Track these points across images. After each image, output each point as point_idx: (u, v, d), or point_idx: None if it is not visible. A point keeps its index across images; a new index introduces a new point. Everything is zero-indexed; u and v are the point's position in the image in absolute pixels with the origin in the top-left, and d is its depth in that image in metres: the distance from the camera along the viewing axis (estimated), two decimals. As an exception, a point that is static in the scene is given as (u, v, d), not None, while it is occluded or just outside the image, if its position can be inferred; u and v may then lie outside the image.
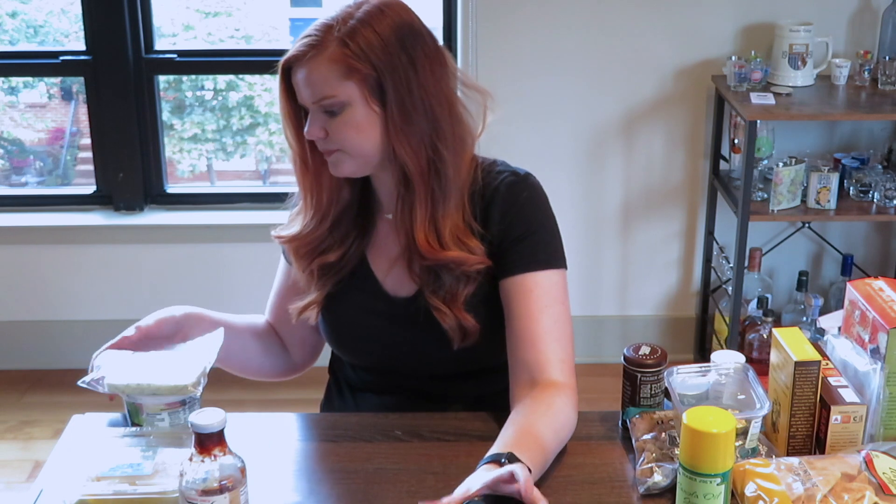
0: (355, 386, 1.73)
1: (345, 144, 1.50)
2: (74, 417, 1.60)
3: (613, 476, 1.43)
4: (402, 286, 1.61)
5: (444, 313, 1.54)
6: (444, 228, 1.53)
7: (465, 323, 1.54)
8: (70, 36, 4.02)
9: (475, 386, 1.66)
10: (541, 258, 1.55)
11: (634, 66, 3.20)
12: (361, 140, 1.49)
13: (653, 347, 1.50)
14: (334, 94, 1.47)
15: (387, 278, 1.62)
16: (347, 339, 1.68)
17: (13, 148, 4.40)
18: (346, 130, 1.48)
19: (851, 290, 1.44)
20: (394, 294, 1.62)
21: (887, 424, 1.38)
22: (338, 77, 1.46)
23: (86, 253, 3.40)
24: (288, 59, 1.51)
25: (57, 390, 3.33)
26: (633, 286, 3.46)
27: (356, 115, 1.48)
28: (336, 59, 1.46)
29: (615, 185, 3.33)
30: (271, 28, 4.87)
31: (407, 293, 1.60)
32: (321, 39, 1.47)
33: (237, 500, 1.23)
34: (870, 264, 3.40)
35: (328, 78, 1.46)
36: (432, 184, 1.51)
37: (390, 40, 1.47)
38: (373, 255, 1.64)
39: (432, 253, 1.52)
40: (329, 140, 1.50)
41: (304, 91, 1.50)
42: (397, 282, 1.61)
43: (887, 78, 3.02)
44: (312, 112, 1.50)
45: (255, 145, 4.63)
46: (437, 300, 1.54)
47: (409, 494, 1.38)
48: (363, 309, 1.63)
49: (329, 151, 1.52)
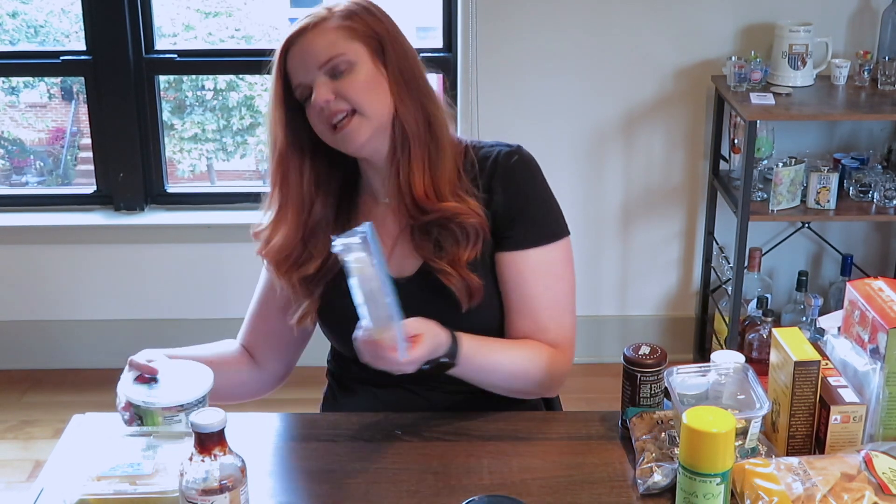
0: (356, 382, 1.72)
1: (359, 101, 1.52)
2: (74, 417, 1.60)
3: (613, 476, 1.43)
4: (405, 265, 1.62)
5: (449, 274, 1.57)
6: (442, 181, 1.58)
7: (471, 282, 1.57)
8: (70, 36, 4.02)
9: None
10: (545, 232, 1.60)
11: (634, 66, 3.20)
12: (373, 98, 1.54)
13: (653, 347, 1.50)
14: (343, 53, 1.52)
15: (389, 261, 1.62)
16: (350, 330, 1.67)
17: (13, 148, 4.41)
18: (358, 88, 1.52)
19: (851, 290, 1.44)
20: (398, 276, 1.62)
21: (887, 424, 1.38)
22: (344, 39, 1.53)
23: (86, 253, 3.40)
24: (290, 35, 1.55)
25: (57, 390, 3.33)
26: (633, 286, 3.46)
27: (365, 73, 1.53)
28: (341, 27, 1.54)
29: (615, 185, 3.33)
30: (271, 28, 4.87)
31: (410, 271, 1.62)
32: (321, 17, 1.54)
33: (237, 499, 1.23)
34: (869, 264, 3.40)
35: (335, 40, 1.53)
36: (428, 142, 1.58)
37: (383, 14, 1.59)
38: None
39: (430, 204, 1.56)
40: (340, 100, 1.52)
41: (308, 59, 1.53)
42: (399, 261, 1.63)
43: (887, 78, 3.02)
44: (318, 81, 1.52)
45: (255, 145, 4.63)
46: (442, 263, 1.57)
47: (409, 494, 1.38)
48: None
49: (343, 117, 1.53)
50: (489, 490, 1.38)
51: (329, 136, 1.56)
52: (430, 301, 1.58)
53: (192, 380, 1.47)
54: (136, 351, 1.55)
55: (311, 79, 1.53)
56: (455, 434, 1.53)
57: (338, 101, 1.52)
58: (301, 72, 1.54)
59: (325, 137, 1.57)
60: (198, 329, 3.43)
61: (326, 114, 1.53)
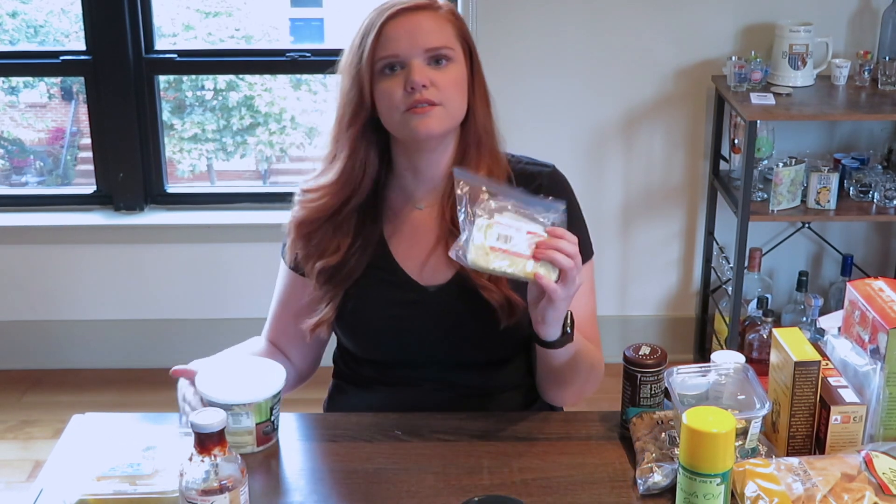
0: (366, 381, 1.72)
1: (448, 98, 1.54)
2: (74, 417, 1.59)
3: (613, 476, 1.43)
4: (439, 273, 1.62)
5: (491, 291, 1.56)
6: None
7: (513, 299, 1.56)
8: (70, 36, 4.03)
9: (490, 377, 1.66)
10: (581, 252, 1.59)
11: (634, 66, 3.20)
12: (459, 98, 1.56)
13: (653, 347, 1.50)
14: (452, 47, 1.55)
15: (423, 270, 1.62)
16: (375, 338, 1.66)
17: (13, 148, 4.41)
18: (452, 85, 1.54)
19: (851, 291, 1.44)
20: (428, 284, 1.62)
21: (887, 424, 1.38)
22: (452, 35, 1.56)
23: (86, 253, 3.40)
24: (401, 7, 1.54)
25: (57, 390, 3.33)
26: (633, 286, 3.46)
27: (459, 71, 1.56)
28: (450, 21, 1.57)
29: (615, 185, 3.33)
30: (271, 28, 4.88)
31: (444, 279, 1.61)
32: (432, 3, 1.57)
33: (237, 500, 1.23)
34: (870, 264, 3.40)
35: (447, 32, 1.55)
36: (495, 151, 1.62)
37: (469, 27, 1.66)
38: (401, 250, 1.64)
39: None
40: (432, 91, 1.52)
41: (418, 36, 1.52)
42: (433, 270, 1.62)
43: (887, 78, 3.02)
44: (416, 61, 1.52)
45: (255, 145, 4.64)
46: (483, 279, 1.56)
47: (409, 494, 1.38)
48: (395, 304, 1.63)
49: (428, 104, 1.52)
50: (489, 490, 1.38)
51: (400, 116, 1.53)
52: (465, 314, 1.59)
53: (266, 375, 1.49)
54: (136, 350, 1.55)
55: (410, 56, 1.52)
56: (455, 434, 1.53)
57: (430, 90, 1.52)
58: (402, 45, 1.52)
59: (394, 116, 1.54)
60: (198, 329, 3.44)
61: (416, 96, 1.51)
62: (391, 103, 1.53)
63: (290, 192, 1.68)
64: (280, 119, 4.57)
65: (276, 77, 4.48)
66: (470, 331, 1.61)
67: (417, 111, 1.52)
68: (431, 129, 1.53)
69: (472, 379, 1.65)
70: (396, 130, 1.56)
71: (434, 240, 1.62)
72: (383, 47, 1.52)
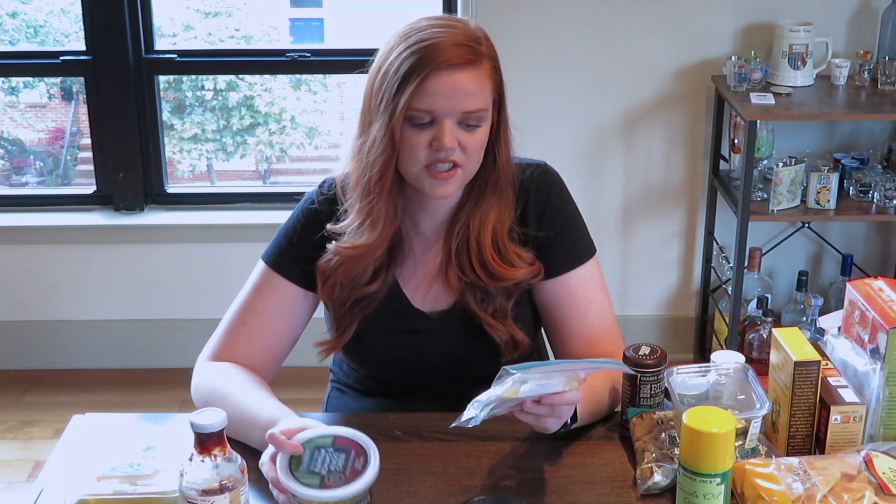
0: (365, 391, 1.72)
1: (469, 160, 1.49)
2: (74, 417, 1.59)
3: (613, 476, 1.43)
4: (440, 299, 1.62)
5: (497, 329, 1.57)
6: (503, 233, 1.56)
7: (517, 336, 1.58)
8: (70, 36, 4.03)
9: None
10: (579, 252, 1.61)
11: (634, 66, 3.20)
12: (479, 158, 1.51)
13: (653, 347, 1.50)
14: (486, 108, 1.47)
15: (425, 296, 1.62)
16: (380, 362, 1.67)
17: (13, 148, 4.41)
18: (477, 149, 1.48)
19: (851, 290, 1.44)
20: (430, 310, 1.62)
21: (887, 424, 1.38)
22: (489, 92, 1.48)
23: (86, 253, 3.40)
24: (445, 59, 1.42)
25: (57, 390, 3.33)
26: (633, 286, 3.46)
27: (484, 131, 1.49)
28: (489, 76, 1.47)
29: (615, 185, 3.33)
30: (271, 28, 4.89)
31: (445, 305, 1.62)
32: (476, 51, 1.46)
33: (237, 500, 1.23)
34: (869, 264, 3.40)
35: (485, 92, 1.47)
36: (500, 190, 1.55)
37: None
38: (404, 276, 1.62)
39: (502, 271, 1.54)
40: (457, 154, 1.46)
41: (457, 99, 1.43)
42: (434, 297, 1.62)
43: (887, 78, 3.02)
44: (449, 122, 1.45)
45: (255, 145, 4.64)
46: (488, 317, 1.57)
47: (409, 494, 1.38)
48: (399, 333, 1.63)
49: (451, 168, 1.47)
50: (489, 490, 1.39)
51: (418, 171, 1.48)
52: (467, 338, 1.60)
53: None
54: (136, 351, 1.55)
55: (444, 115, 1.44)
56: (455, 434, 1.53)
57: (457, 154, 1.47)
58: (441, 103, 1.43)
59: (412, 169, 1.48)
60: (198, 329, 3.43)
61: (441, 156, 1.46)
62: (413, 157, 1.47)
63: (289, 192, 1.68)
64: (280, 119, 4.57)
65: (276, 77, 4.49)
66: (472, 354, 1.62)
67: (437, 175, 1.47)
68: (447, 193, 1.51)
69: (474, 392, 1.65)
70: (411, 180, 1.51)
71: (437, 265, 1.62)
72: (420, 100, 1.43)
